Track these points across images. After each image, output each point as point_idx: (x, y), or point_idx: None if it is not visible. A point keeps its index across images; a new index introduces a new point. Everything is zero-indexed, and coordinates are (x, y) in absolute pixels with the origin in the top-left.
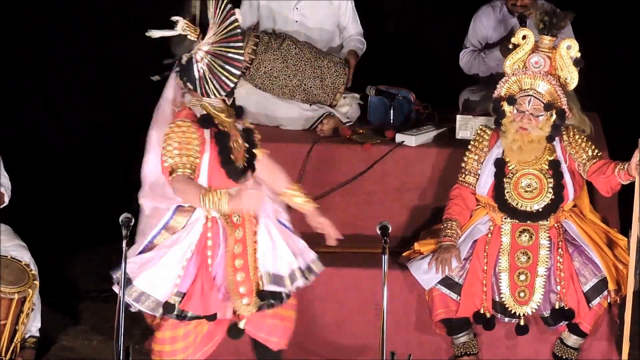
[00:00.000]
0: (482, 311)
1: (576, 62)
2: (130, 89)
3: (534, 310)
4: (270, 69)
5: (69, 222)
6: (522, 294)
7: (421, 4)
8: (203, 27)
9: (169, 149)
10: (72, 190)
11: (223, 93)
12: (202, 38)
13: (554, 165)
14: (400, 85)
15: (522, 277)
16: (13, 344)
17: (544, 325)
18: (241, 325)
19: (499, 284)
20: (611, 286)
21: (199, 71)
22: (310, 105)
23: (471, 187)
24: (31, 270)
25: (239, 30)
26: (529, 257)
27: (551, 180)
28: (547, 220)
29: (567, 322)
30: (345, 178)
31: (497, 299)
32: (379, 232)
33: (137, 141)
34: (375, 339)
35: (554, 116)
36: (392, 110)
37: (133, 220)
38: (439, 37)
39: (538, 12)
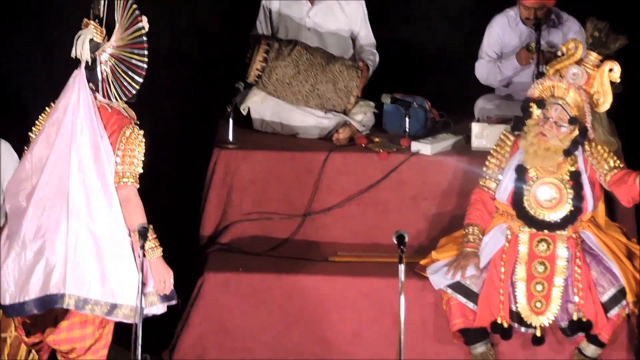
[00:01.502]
0: (499, 321)
1: (614, 86)
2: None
3: (550, 321)
4: (282, 76)
5: None
6: (538, 304)
7: (436, 12)
8: (109, 29)
9: (141, 157)
10: None
11: (124, 98)
12: (108, 40)
13: (575, 176)
14: (415, 93)
15: (539, 287)
16: (31, 355)
17: (562, 335)
18: None
19: (515, 293)
20: (630, 298)
21: (102, 73)
22: (326, 112)
23: (491, 192)
24: None
25: (144, 38)
26: (546, 267)
27: (571, 191)
28: (564, 231)
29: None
30: (361, 187)
31: (514, 309)
32: (395, 241)
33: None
34: (392, 349)
35: (576, 132)
36: (407, 119)
37: (150, 230)
38: (455, 45)
39: (591, 27)
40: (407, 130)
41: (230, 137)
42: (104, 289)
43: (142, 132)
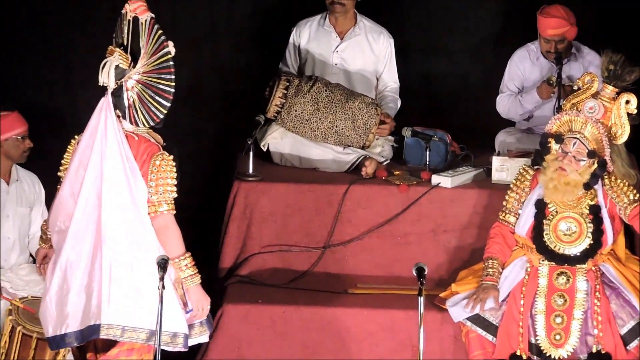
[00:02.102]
0: (518, 353)
1: (631, 118)
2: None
3: (569, 354)
4: (302, 112)
5: None
6: (557, 337)
7: (457, 45)
8: (134, 55)
9: (173, 182)
10: None
11: (152, 123)
12: (134, 66)
13: (595, 210)
14: (436, 126)
15: (558, 320)
16: None
17: None
18: None
19: (534, 326)
20: None
21: (128, 99)
22: (344, 148)
23: (511, 226)
24: None
25: (170, 63)
26: (565, 300)
27: (591, 225)
28: (584, 264)
29: None
30: (381, 219)
31: (533, 341)
32: (415, 273)
33: None
34: None
35: (595, 165)
36: (428, 152)
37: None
38: (476, 78)
39: (606, 60)
40: (428, 163)
41: (250, 170)
42: (142, 317)
43: (171, 157)
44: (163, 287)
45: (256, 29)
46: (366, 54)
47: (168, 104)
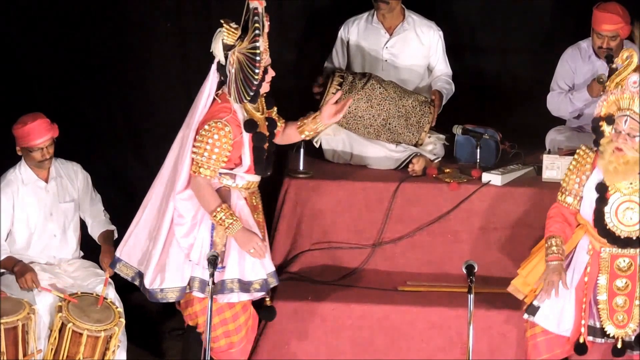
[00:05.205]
0: (581, 340)
1: None
2: None
3: (630, 334)
4: (355, 109)
5: None
6: (620, 317)
7: (509, 43)
8: (245, 33)
9: (201, 145)
10: None
11: (238, 102)
12: (241, 43)
13: None
14: (487, 124)
15: (620, 301)
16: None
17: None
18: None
19: (597, 308)
20: None
21: (229, 72)
22: (397, 146)
23: (570, 207)
24: (117, 307)
25: (257, 58)
26: (627, 284)
27: None
28: None
29: None
30: (431, 217)
31: (598, 325)
32: (464, 271)
33: None
34: None
35: None
36: (478, 150)
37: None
38: (527, 76)
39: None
40: (478, 161)
41: (301, 167)
42: None
43: (223, 127)
44: (213, 283)
45: (303, 28)
46: (416, 48)
47: (251, 93)
